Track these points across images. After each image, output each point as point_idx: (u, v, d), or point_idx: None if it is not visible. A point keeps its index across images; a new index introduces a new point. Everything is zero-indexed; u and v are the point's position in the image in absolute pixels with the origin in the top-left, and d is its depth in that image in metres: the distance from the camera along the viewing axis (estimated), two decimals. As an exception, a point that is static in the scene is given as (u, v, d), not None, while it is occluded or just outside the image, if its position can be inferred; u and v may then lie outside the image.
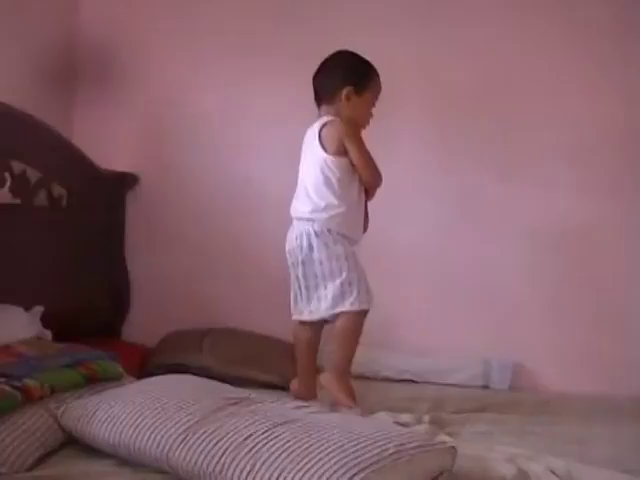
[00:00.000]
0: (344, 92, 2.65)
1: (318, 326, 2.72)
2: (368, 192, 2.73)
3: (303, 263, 2.65)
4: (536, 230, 3.19)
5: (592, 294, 3.18)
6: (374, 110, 2.74)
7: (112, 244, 3.49)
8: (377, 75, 2.72)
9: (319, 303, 2.64)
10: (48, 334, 2.74)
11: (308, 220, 2.65)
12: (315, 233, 2.62)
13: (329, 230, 2.61)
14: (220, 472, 1.81)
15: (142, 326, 3.45)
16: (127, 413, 2.04)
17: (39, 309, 2.82)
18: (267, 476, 1.74)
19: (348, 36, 3.27)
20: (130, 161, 3.51)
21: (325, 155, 2.62)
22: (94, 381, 2.38)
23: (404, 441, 1.84)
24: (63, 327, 2.79)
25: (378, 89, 2.73)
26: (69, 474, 1.95)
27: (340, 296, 2.60)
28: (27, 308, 2.76)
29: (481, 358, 3.16)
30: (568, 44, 3.15)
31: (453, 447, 1.97)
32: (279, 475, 1.72)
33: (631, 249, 3.15)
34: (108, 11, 3.57)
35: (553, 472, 2.05)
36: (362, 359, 3.16)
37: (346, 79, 2.66)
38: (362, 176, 2.65)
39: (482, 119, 3.21)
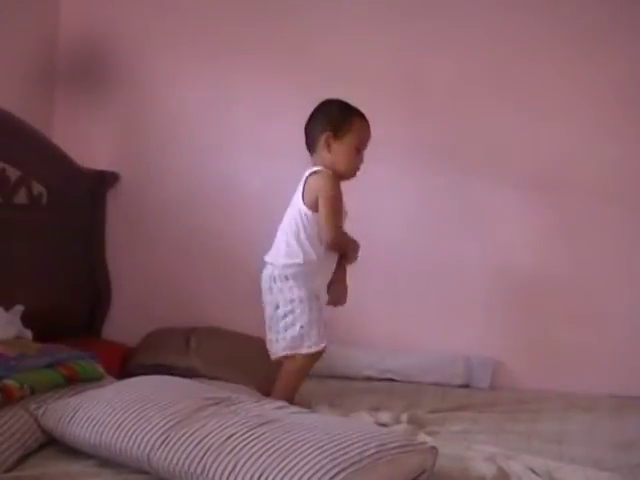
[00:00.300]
0: (323, 138, 2.66)
1: None
2: (344, 257, 2.74)
3: (265, 304, 2.71)
4: (514, 229, 3.21)
5: (571, 292, 3.20)
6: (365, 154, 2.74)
7: (93, 242, 3.48)
8: (362, 119, 2.71)
9: (277, 344, 2.68)
10: (28, 334, 2.72)
11: (271, 264, 2.69)
12: (273, 278, 2.66)
13: (286, 277, 2.64)
14: (202, 473, 1.81)
15: (123, 325, 3.44)
16: (108, 413, 2.04)
17: (19, 308, 2.80)
18: (248, 477, 1.74)
19: (330, 34, 3.30)
20: (111, 159, 3.50)
21: (301, 205, 2.65)
22: (74, 381, 2.36)
23: (385, 441, 1.85)
24: (43, 326, 2.77)
25: (363, 133, 2.71)
26: (49, 475, 1.94)
27: (299, 339, 2.63)
28: (7, 307, 2.74)
29: (461, 357, 3.17)
30: (560, 45, 3.17)
31: (434, 447, 1.98)
32: (260, 475, 1.73)
33: (609, 247, 3.18)
34: (89, 10, 3.55)
35: (532, 471, 2.07)
36: (342, 358, 3.18)
37: (325, 125, 2.67)
38: (322, 232, 2.63)
39: (465, 122, 3.23)
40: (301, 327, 2.62)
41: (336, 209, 2.64)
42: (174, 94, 3.49)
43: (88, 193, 3.42)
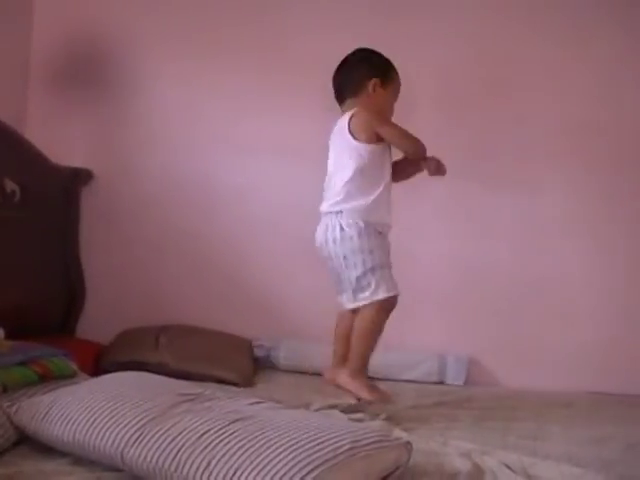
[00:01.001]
0: (371, 83, 2.70)
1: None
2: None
3: (330, 256, 2.69)
4: (486, 227, 3.23)
5: (545, 290, 3.22)
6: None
7: (66, 240, 3.45)
8: (397, 71, 2.76)
9: (346, 294, 2.68)
10: (1, 332, 2.70)
11: (336, 213, 2.67)
12: (340, 226, 2.64)
13: (356, 222, 2.62)
14: (176, 470, 1.80)
15: (97, 323, 3.42)
16: (81, 411, 2.02)
17: (-9, 307, 2.78)
18: (223, 473, 1.73)
19: (306, 33, 3.30)
20: (85, 157, 3.48)
21: (357, 143, 2.65)
22: (48, 379, 2.35)
23: (359, 437, 1.85)
24: (16, 325, 2.75)
25: (399, 86, 2.77)
26: (23, 473, 1.92)
27: (359, 290, 2.63)
28: (-21, 306, 2.72)
29: (436, 354, 3.18)
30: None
31: (409, 443, 1.98)
32: (235, 472, 1.72)
33: (583, 246, 3.20)
34: (64, 10, 3.53)
35: (507, 466, 2.07)
36: (317, 355, 3.18)
37: (372, 71, 2.71)
38: (403, 150, 2.68)
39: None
40: (366, 277, 2.61)
41: (399, 126, 2.66)
42: (150, 92, 3.48)
43: (62, 191, 3.40)
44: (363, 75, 2.70)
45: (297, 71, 3.31)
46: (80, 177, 3.46)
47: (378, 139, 2.65)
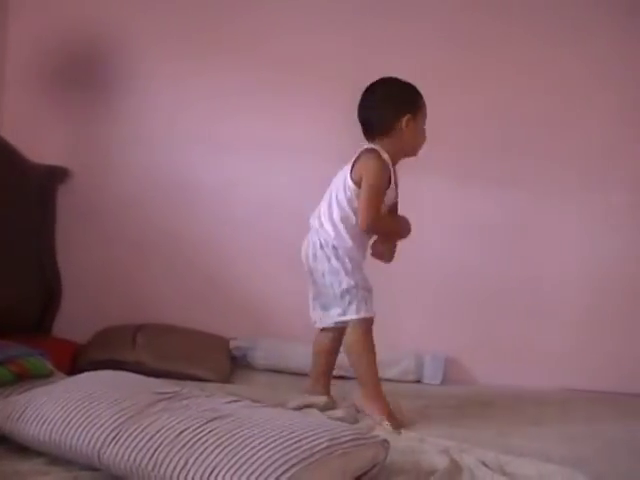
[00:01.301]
0: (404, 120, 2.59)
1: (337, 332, 2.68)
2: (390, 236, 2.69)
3: (309, 271, 2.68)
4: (464, 225, 3.24)
5: (521, 288, 3.24)
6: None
7: (43, 238, 3.43)
8: (422, 96, 2.66)
9: (327, 310, 2.65)
10: (-24, 331, 2.69)
11: (317, 231, 2.65)
12: (320, 245, 2.63)
13: (334, 246, 2.60)
14: (153, 469, 1.79)
15: (74, 322, 3.40)
16: (57, 410, 2.01)
17: (-33, 305, 2.77)
18: (200, 472, 1.73)
19: (283, 33, 3.30)
20: (61, 155, 3.46)
21: (348, 179, 2.60)
22: (24, 378, 2.34)
23: (337, 435, 1.85)
24: (-8, 323, 2.74)
25: (425, 109, 2.67)
26: (-1, 473, 1.92)
27: (346, 305, 2.59)
28: (-46, 304, 2.70)
29: (413, 353, 3.19)
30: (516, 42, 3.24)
31: (386, 440, 1.99)
32: (212, 471, 1.72)
33: (558, 244, 3.23)
34: (39, 7, 3.51)
35: (484, 464, 2.08)
36: (294, 355, 3.19)
37: (404, 108, 2.60)
38: (358, 214, 2.58)
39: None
40: (347, 293, 2.59)
41: (378, 193, 2.58)
42: (128, 92, 3.46)
43: (38, 188, 3.37)
44: (395, 114, 2.60)
45: (276, 70, 3.32)
46: (57, 175, 3.44)
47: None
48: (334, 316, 2.63)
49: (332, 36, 3.28)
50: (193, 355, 3.04)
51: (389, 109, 2.61)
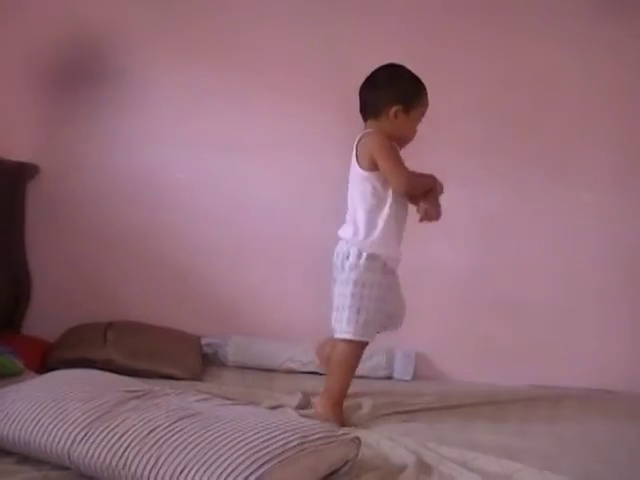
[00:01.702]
0: (393, 110, 2.57)
1: None
2: (430, 192, 2.61)
3: (334, 281, 2.61)
4: (430, 224, 3.24)
5: (492, 285, 3.27)
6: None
7: (12, 236, 3.40)
8: (426, 93, 2.64)
9: (338, 324, 2.57)
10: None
11: (344, 240, 2.61)
12: (346, 255, 2.57)
13: (360, 253, 2.54)
14: (123, 467, 1.79)
15: (43, 320, 3.38)
16: (27, 409, 2.00)
17: None
18: (171, 470, 1.73)
19: (253, 30, 3.30)
20: (31, 151, 3.43)
21: (360, 170, 2.57)
22: (-7, 377, 2.33)
23: (308, 433, 1.86)
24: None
25: (425, 107, 2.65)
26: (-33, 473, 1.90)
27: (346, 322, 2.53)
28: None
29: (384, 349, 3.20)
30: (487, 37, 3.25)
31: (357, 438, 2.00)
32: (183, 469, 1.72)
33: (528, 241, 3.26)
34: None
35: (451, 460, 2.11)
36: (264, 351, 3.20)
37: (396, 97, 2.58)
38: (390, 184, 2.54)
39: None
40: (356, 312, 2.51)
41: (395, 154, 2.55)
42: (97, 89, 3.43)
43: (7, 185, 3.34)
44: (386, 100, 2.58)
45: (251, 67, 3.31)
46: (26, 172, 3.41)
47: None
48: (340, 331, 2.56)
49: (310, 33, 3.28)
50: (164, 353, 3.03)
51: (383, 94, 2.60)
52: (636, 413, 2.80)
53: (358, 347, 2.56)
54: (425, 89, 2.63)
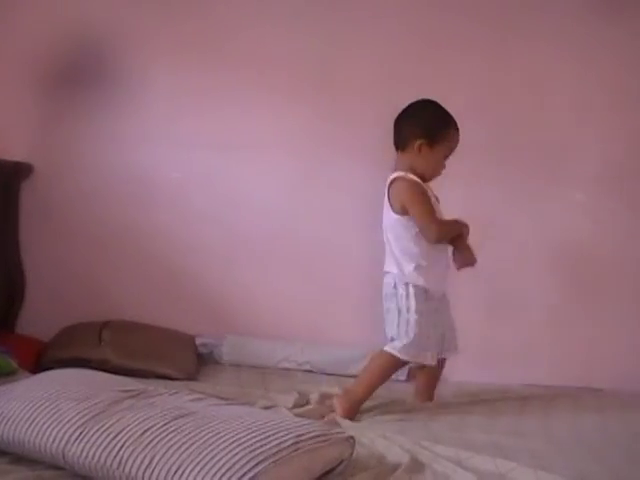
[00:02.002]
0: (416, 144, 2.65)
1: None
2: (459, 238, 2.72)
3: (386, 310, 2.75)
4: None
5: (485, 285, 3.27)
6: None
7: (6, 235, 3.39)
8: (455, 129, 2.69)
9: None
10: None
11: (390, 273, 2.73)
12: (392, 285, 2.70)
13: (405, 284, 2.67)
14: (118, 467, 1.79)
15: (38, 320, 3.37)
16: (21, 409, 2.00)
17: None
18: (166, 470, 1.73)
19: (245, 30, 3.30)
20: (25, 151, 3.42)
21: (392, 214, 2.67)
22: (-13, 376, 2.32)
23: (303, 432, 1.86)
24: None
25: (454, 143, 2.70)
26: (-39, 473, 1.90)
27: (396, 339, 2.68)
28: None
29: (379, 349, 3.20)
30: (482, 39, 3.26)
31: (351, 437, 2.00)
32: (178, 468, 1.72)
33: (518, 242, 3.26)
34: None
35: (446, 459, 2.11)
36: (259, 350, 3.20)
37: (420, 131, 2.65)
38: (423, 231, 2.64)
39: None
40: (405, 331, 2.67)
41: (425, 202, 2.65)
42: (90, 89, 3.42)
43: (1, 184, 3.33)
44: (410, 133, 2.66)
45: (241, 68, 3.31)
46: (20, 171, 3.40)
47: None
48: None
49: (306, 33, 3.28)
50: (159, 353, 3.03)
51: (410, 128, 2.68)
52: (628, 411, 2.81)
53: (398, 364, 2.69)
54: (454, 125, 2.69)
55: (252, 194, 3.36)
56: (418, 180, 2.67)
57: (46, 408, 1.98)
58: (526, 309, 3.27)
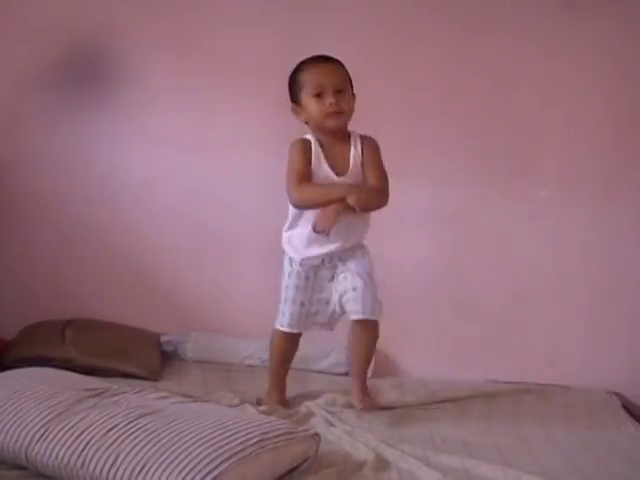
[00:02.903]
0: (292, 110, 2.62)
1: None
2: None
3: None
4: (397, 220, 3.27)
5: (451, 281, 3.29)
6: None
7: (-33, 232, 3.37)
8: (309, 66, 2.61)
9: None
10: None
11: None
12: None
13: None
14: (82, 466, 1.79)
15: (1, 318, 3.34)
16: (-17, 408, 1.99)
17: None
18: (130, 468, 1.73)
19: (217, 28, 3.28)
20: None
21: None
22: (-52, 376, 2.29)
23: (268, 430, 1.87)
24: None
25: (313, 78, 2.58)
26: None
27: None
28: None
29: (343, 345, 3.21)
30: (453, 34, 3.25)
31: (317, 434, 2.01)
32: (142, 468, 1.72)
33: (484, 238, 3.29)
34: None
35: (410, 456, 2.12)
36: (224, 347, 3.19)
37: (290, 97, 2.63)
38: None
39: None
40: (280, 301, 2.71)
41: (292, 163, 2.56)
42: (57, 87, 3.39)
43: (-37, 181, 3.31)
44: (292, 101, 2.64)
45: (207, 68, 3.29)
46: (-18, 167, 3.37)
47: None
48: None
49: (276, 33, 3.26)
50: (123, 351, 3.01)
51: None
52: (594, 410, 2.85)
53: (277, 334, 2.76)
54: (305, 63, 2.62)
55: (219, 192, 3.35)
56: (304, 137, 2.60)
57: (8, 407, 1.96)
58: (489, 304, 3.29)
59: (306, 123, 2.63)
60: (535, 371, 3.21)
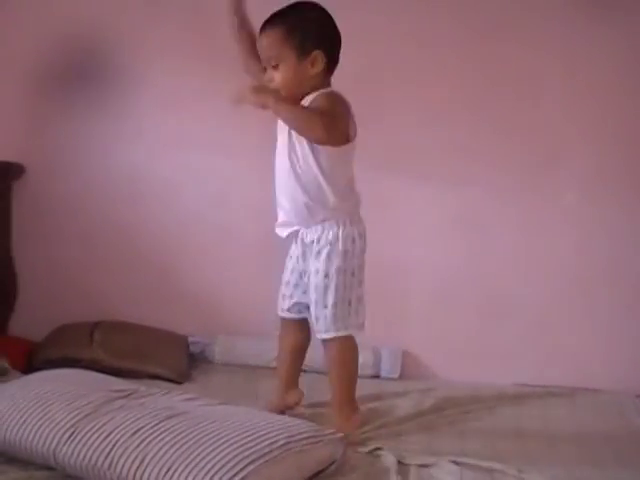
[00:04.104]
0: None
1: None
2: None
3: None
4: (416, 221, 3.25)
5: (477, 284, 3.27)
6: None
7: (-3, 235, 3.40)
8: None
9: None
10: None
11: None
12: None
13: None
14: (109, 467, 1.79)
15: (29, 320, 3.36)
16: (13, 410, 2.00)
17: None
18: (157, 470, 1.73)
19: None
20: (16, 151, 3.41)
21: None
22: (-22, 378, 2.32)
23: (294, 432, 1.87)
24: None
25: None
26: (-49, 474, 1.90)
27: None
28: None
29: (371, 347, 3.21)
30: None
31: (344, 437, 2.00)
32: (169, 469, 1.72)
33: (511, 243, 3.26)
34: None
35: (438, 460, 2.11)
36: (251, 350, 3.20)
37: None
38: None
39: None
40: None
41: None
42: (80, 89, 3.41)
43: (-7, 185, 3.34)
44: None
45: (231, 71, 3.29)
46: (12, 171, 3.39)
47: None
48: None
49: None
50: (151, 353, 3.02)
51: None
52: (623, 413, 2.82)
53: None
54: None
55: (245, 194, 3.35)
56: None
57: (37, 409, 1.98)
58: (517, 307, 3.26)
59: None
60: (562, 374, 3.18)
